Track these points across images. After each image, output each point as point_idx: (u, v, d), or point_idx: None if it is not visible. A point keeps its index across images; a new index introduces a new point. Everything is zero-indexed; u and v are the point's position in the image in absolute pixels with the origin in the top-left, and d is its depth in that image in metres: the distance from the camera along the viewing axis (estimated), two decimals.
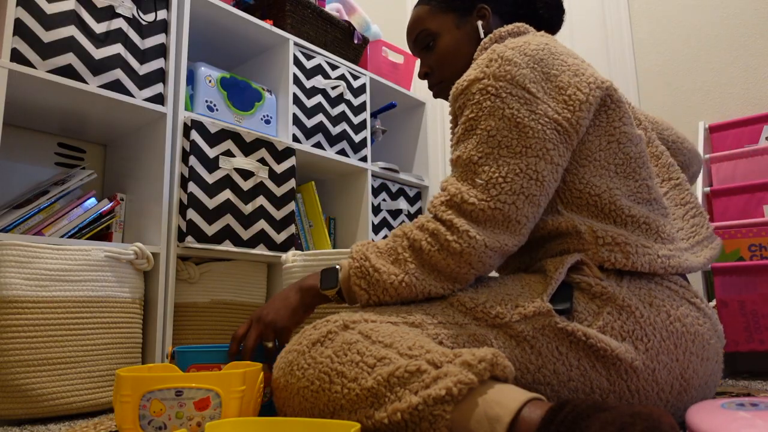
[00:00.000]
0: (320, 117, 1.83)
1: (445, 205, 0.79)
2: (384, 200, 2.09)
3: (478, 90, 0.82)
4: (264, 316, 0.87)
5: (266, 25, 1.70)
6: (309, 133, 1.79)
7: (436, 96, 1.06)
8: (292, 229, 1.60)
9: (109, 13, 1.33)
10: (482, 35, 0.98)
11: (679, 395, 0.75)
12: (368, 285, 0.80)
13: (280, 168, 1.61)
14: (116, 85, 1.32)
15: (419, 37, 1.03)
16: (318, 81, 1.84)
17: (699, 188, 1.75)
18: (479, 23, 0.98)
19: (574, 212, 0.84)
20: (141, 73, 1.38)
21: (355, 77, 1.99)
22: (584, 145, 0.84)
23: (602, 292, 0.77)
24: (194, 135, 1.42)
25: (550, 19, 1.04)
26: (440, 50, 1.01)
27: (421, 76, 1.06)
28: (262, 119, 1.67)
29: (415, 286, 0.78)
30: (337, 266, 0.85)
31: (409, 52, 2.40)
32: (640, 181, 0.87)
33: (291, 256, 1.33)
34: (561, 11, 1.05)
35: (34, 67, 1.18)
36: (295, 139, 1.74)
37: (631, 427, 0.47)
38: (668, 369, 0.74)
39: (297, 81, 1.78)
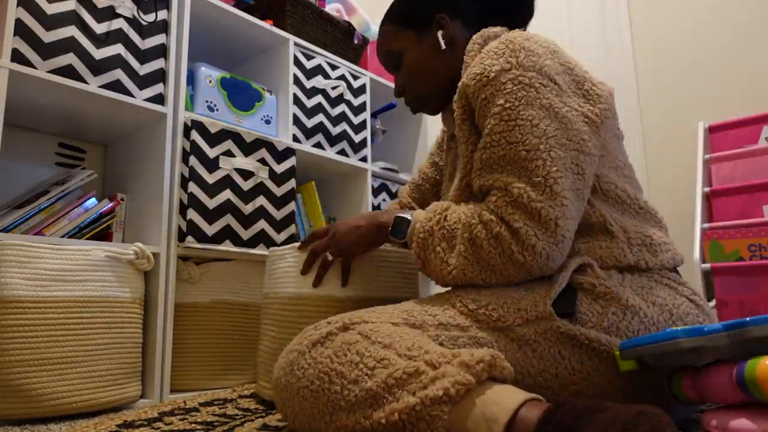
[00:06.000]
0: (320, 117, 1.83)
1: (511, 207, 0.76)
2: (384, 200, 2.09)
3: (510, 80, 0.78)
4: (339, 236, 0.96)
5: (266, 25, 1.70)
6: (309, 133, 1.79)
7: (414, 111, 1.06)
8: (292, 229, 1.60)
9: (110, 13, 1.33)
10: (443, 46, 0.96)
11: None
12: (424, 258, 0.84)
13: (280, 168, 1.61)
14: (116, 85, 1.32)
15: (386, 58, 1.03)
16: (318, 81, 1.84)
17: (698, 188, 1.75)
18: (439, 33, 0.96)
19: (602, 203, 0.84)
20: (141, 73, 1.38)
21: (355, 77, 1.99)
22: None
23: (606, 292, 0.76)
24: (194, 135, 1.42)
25: (519, 14, 1.01)
26: (407, 68, 1.00)
27: (396, 94, 1.05)
28: (262, 119, 1.67)
29: (461, 279, 0.80)
30: (410, 217, 0.88)
31: None
32: (634, 175, 0.90)
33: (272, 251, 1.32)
34: (531, 7, 1.03)
35: (34, 67, 1.19)
36: (295, 139, 1.74)
37: (636, 427, 0.47)
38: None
39: (297, 81, 1.78)
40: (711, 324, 0.61)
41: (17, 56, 1.16)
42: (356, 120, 1.96)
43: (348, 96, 1.94)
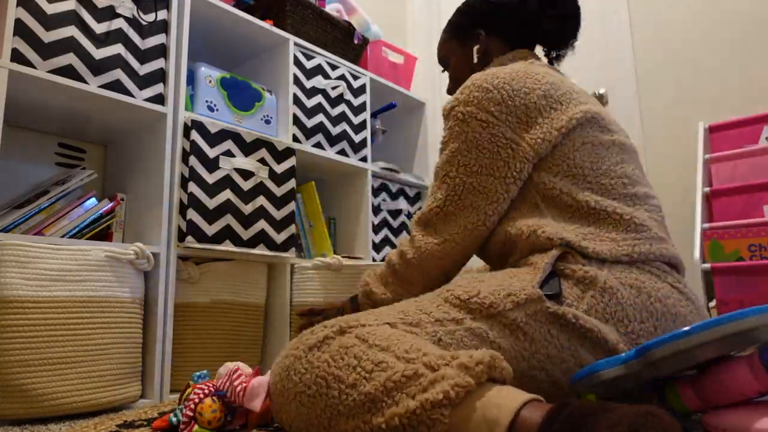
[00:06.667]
0: (320, 117, 1.83)
1: (416, 222, 0.96)
2: (384, 200, 2.09)
3: (452, 116, 0.93)
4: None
5: (266, 25, 1.70)
6: (309, 133, 1.79)
7: None
8: (292, 229, 1.60)
9: (110, 13, 1.33)
10: (475, 59, 1.10)
11: None
12: (372, 304, 1.01)
13: (280, 168, 1.61)
14: (116, 85, 1.32)
15: (440, 60, 1.21)
16: (318, 81, 1.84)
17: (698, 188, 1.75)
18: (475, 48, 1.10)
19: (552, 209, 0.89)
20: (141, 73, 1.38)
21: (355, 77, 1.99)
22: (557, 150, 0.89)
23: (585, 276, 0.79)
24: (194, 135, 1.42)
25: (560, 31, 1.06)
26: (452, 72, 1.17)
27: (448, 91, 1.21)
28: (262, 119, 1.67)
29: (395, 299, 0.98)
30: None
31: (410, 53, 2.41)
32: (615, 179, 0.90)
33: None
34: (574, 21, 1.06)
35: (34, 67, 1.18)
36: (295, 139, 1.74)
37: (642, 427, 0.47)
38: None
39: (297, 81, 1.78)
40: (627, 352, 0.66)
41: (17, 56, 1.16)
42: (356, 120, 1.96)
43: (348, 96, 1.94)
